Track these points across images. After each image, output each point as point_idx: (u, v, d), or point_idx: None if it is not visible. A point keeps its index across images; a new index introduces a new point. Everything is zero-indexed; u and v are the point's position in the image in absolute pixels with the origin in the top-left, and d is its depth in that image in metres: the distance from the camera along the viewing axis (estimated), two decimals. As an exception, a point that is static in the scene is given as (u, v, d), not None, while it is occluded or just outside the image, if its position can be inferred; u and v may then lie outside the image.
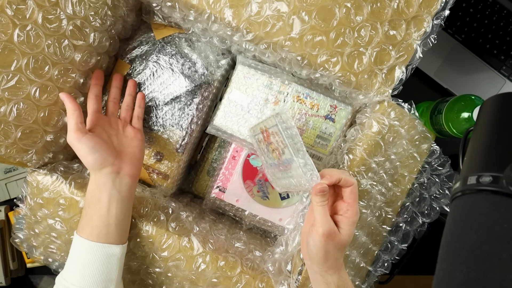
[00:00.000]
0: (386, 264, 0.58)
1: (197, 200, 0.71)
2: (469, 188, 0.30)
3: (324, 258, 0.43)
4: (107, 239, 0.47)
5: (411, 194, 0.56)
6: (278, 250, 0.55)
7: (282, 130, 0.47)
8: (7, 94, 0.46)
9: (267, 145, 0.51)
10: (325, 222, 0.42)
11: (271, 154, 0.51)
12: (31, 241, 0.56)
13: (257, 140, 0.54)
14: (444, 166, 0.57)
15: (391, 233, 0.57)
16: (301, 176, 0.45)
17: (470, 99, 0.62)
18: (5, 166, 0.75)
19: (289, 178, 0.48)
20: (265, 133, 0.51)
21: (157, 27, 0.62)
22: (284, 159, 0.48)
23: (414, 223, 0.58)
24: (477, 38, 0.75)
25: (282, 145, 0.48)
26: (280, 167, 0.50)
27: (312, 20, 0.50)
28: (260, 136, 0.53)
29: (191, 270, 0.53)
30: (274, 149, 0.50)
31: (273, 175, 0.52)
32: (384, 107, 0.53)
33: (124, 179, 0.49)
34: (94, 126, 0.50)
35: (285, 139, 0.46)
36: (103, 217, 0.47)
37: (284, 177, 0.50)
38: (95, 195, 0.48)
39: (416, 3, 0.51)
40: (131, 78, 0.60)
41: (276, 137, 0.48)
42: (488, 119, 0.35)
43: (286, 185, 0.50)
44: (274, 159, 0.50)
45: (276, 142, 0.49)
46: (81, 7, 0.49)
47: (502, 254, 0.26)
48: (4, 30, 0.44)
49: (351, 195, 0.44)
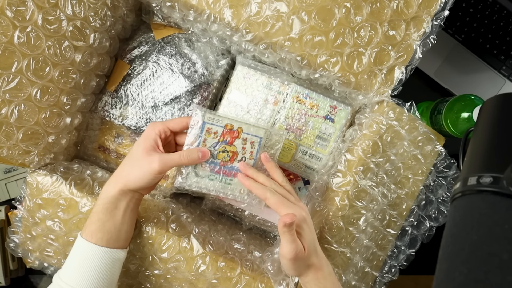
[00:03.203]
0: (394, 270, 0.57)
1: (197, 201, 0.71)
2: (469, 188, 0.30)
3: (296, 273, 0.47)
4: (115, 245, 0.47)
5: (416, 197, 0.56)
6: (278, 250, 0.55)
7: (262, 146, 0.50)
8: (8, 96, 0.46)
9: (220, 142, 0.49)
10: (292, 248, 0.44)
11: (217, 153, 0.49)
12: (27, 244, 0.56)
13: (207, 128, 0.49)
14: (450, 168, 0.57)
15: (397, 238, 0.56)
16: (241, 191, 0.50)
17: (470, 99, 0.62)
18: (5, 166, 0.75)
19: (223, 183, 0.50)
20: (234, 133, 0.50)
21: (157, 27, 0.62)
22: (236, 167, 0.50)
23: (421, 227, 0.57)
24: (477, 38, 0.75)
25: (249, 156, 0.50)
26: (220, 169, 0.50)
27: (312, 20, 0.50)
28: (218, 128, 0.49)
29: (190, 271, 0.53)
30: (230, 152, 0.50)
31: (193, 168, 0.49)
32: (383, 107, 0.53)
33: (141, 195, 0.51)
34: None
35: (257, 154, 0.51)
36: (117, 224, 0.47)
37: (212, 178, 0.50)
38: (113, 202, 0.46)
39: (415, 4, 0.50)
40: (131, 78, 0.60)
41: (250, 147, 0.50)
42: (489, 120, 0.35)
43: (207, 186, 0.50)
44: (218, 159, 0.49)
45: (244, 149, 0.50)
46: (81, 8, 0.49)
47: (503, 255, 0.26)
48: (4, 32, 0.44)
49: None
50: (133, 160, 0.47)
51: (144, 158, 0.46)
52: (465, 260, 0.27)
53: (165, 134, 0.48)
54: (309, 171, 0.60)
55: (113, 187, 0.47)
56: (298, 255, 0.44)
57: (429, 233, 0.58)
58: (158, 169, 0.45)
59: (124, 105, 0.60)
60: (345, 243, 0.53)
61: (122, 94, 0.60)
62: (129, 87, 0.60)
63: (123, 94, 0.60)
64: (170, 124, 0.48)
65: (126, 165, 0.47)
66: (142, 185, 0.46)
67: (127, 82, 0.60)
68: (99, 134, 0.63)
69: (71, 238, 0.53)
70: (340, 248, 0.53)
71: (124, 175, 0.47)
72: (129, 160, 0.47)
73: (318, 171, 0.59)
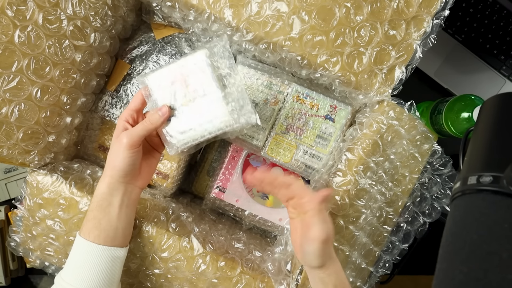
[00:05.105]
0: (388, 264, 0.58)
1: (197, 200, 0.71)
2: (469, 188, 0.30)
3: (322, 261, 0.43)
4: (113, 242, 0.47)
5: (412, 194, 0.56)
6: (278, 249, 0.55)
7: (211, 64, 0.47)
8: (8, 95, 0.46)
9: (175, 91, 0.48)
10: (326, 229, 0.42)
11: (179, 102, 0.48)
12: (27, 244, 0.56)
13: (162, 86, 0.48)
14: (446, 166, 0.57)
15: (392, 233, 0.57)
16: (225, 115, 0.47)
17: (470, 99, 0.62)
18: (5, 166, 0.75)
19: (204, 124, 0.48)
20: (181, 76, 0.47)
21: (157, 27, 0.62)
22: (202, 102, 0.47)
23: (415, 223, 0.58)
24: (477, 38, 0.75)
25: (208, 84, 0.47)
26: (191, 115, 0.48)
27: (312, 20, 0.50)
28: (165, 82, 0.48)
29: (191, 270, 0.53)
30: (186, 94, 0.48)
31: (174, 131, 0.49)
32: (383, 107, 0.53)
33: (135, 188, 0.50)
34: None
35: (213, 76, 0.47)
36: (112, 221, 0.47)
37: (192, 127, 0.48)
38: (106, 198, 0.47)
39: (416, 3, 0.51)
40: (131, 77, 0.60)
41: (203, 75, 0.47)
42: (489, 119, 0.35)
43: (195, 135, 0.48)
44: (183, 105, 0.48)
45: (200, 81, 0.47)
46: (81, 8, 0.49)
47: (503, 254, 0.26)
48: (5, 31, 0.44)
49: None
50: (110, 149, 0.48)
51: (115, 142, 0.47)
52: (465, 259, 0.27)
53: (132, 117, 0.48)
54: (309, 171, 0.60)
55: (102, 182, 0.47)
56: (330, 237, 0.43)
57: (422, 229, 0.58)
58: (127, 141, 0.45)
59: (124, 105, 0.60)
60: (345, 241, 0.53)
61: (122, 94, 0.60)
62: (130, 87, 0.60)
63: (124, 94, 0.60)
64: (131, 105, 0.48)
65: (107, 157, 0.48)
66: (123, 167, 0.46)
67: (127, 81, 0.60)
68: (99, 133, 0.63)
69: (71, 237, 0.53)
70: (340, 247, 0.53)
71: (107, 166, 0.48)
72: (109, 152, 0.49)
73: (319, 171, 0.59)
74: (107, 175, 0.47)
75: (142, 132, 0.46)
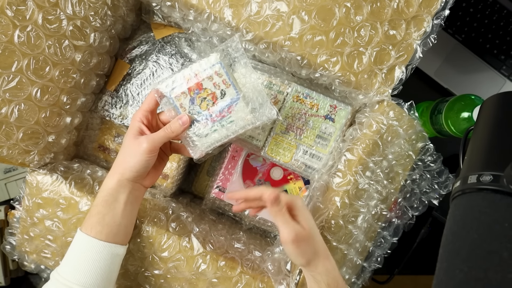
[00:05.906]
0: (379, 259, 0.58)
1: (197, 200, 0.71)
2: (469, 187, 0.30)
3: (305, 260, 0.44)
4: (115, 239, 0.47)
5: (403, 189, 0.57)
6: (278, 249, 0.55)
7: (227, 65, 0.47)
8: (8, 95, 0.46)
9: (192, 96, 0.48)
10: (289, 229, 0.43)
11: (198, 107, 0.48)
12: (24, 246, 0.56)
13: (175, 96, 0.48)
14: (436, 162, 0.58)
15: (384, 229, 0.58)
16: (246, 114, 0.47)
17: (470, 99, 0.62)
18: (4, 166, 0.75)
19: (226, 125, 0.49)
20: (195, 79, 0.48)
21: (157, 27, 0.62)
22: (224, 104, 0.48)
23: (404, 217, 0.59)
24: (477, 38, 0.75)
25: (225, 86, 0.47)
26: (213, 117, 0.48)
27: (312, 20, 0.50)
28: (181, 88, 0.48)
29: (191, 270, 0.53)
30: (207, 95, 0.48)
31: (196, 135, 0.49)
32: (383, 107, 0.53)
33: (141, 187, 0.51)
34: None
35: (230, 77, 0.47)
36: (116, 217, 0.47)
37: (215, 129, 0.49)
38: (112, 194, 0.47)
39: (416, 3, 0.51)
40: (131, 77, 0.60)
41: (218, 77, 0.47)
42: (489, 118, 0.35)
43: (216, 138, 0.49)
44: (204, 110, 0.48)
45: (215, 84, 0.47)
46: (81, 7, 0.49)
47: (503, 253, 0.26)
48: (5, 31, 0.44)
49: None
50: (125, 148, 0.48)
51: (133, 143, 0.47)
52: (465, 258, 0.27)
53: (146, 118, 0.48)
54: (309, 171, 0.60)
55: (111, 178, 0.47)
56: (299, 235, 0.43)
57: (410, 222, 0.59)
58: (147, 147, 0.46)
59: (124, 105, 0.60)
60: (343, 240, 0.53)
61: (122, 93, 0.60)
62: (129, 87, 0.60)
63: (123, 93, 0.60)
64: (144, 106, 0.49)
65: (119, 156, 0.49)
66: (137, 169, 0.47)
67: (127, 81, 0.60)
68: (99, 133, 0.63)
69: (69, 238, 0.53)
70: (338, 245, 0.53)
71: (119, 165, 0.48)
72: (121, 151, 0.49)
73: (319, 171, 0.59)
74: (117, 172, 0.47)
75: (163, 139, 0.47)
